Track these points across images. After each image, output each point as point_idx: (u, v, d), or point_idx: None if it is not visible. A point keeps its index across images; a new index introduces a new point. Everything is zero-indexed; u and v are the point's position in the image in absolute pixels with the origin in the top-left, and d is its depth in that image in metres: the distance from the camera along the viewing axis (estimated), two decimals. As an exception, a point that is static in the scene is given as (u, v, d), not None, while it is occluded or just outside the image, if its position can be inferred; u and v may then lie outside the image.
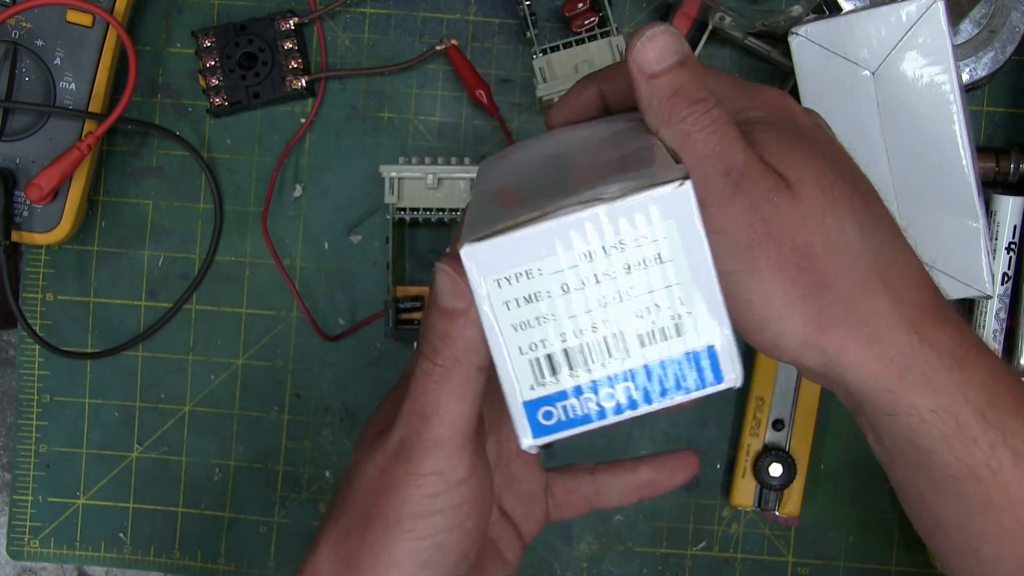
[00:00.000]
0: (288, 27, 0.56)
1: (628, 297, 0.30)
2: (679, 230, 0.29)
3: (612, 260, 0.30)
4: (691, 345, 0.30)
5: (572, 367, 0.30)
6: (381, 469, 0.36)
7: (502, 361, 0.31)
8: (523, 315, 0.30)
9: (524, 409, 0.31)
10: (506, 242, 0.30)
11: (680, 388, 0.30)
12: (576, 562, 0.58)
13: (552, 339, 0.30)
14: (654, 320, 0.30)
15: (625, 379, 0.30)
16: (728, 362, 0.30)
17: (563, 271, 0.30)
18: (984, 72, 0.54)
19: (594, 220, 0.29)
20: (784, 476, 0.55)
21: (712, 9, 0.54)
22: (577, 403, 0.31)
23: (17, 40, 0.52)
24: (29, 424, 0.58)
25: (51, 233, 0.53)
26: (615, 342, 0.30)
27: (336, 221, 0.57)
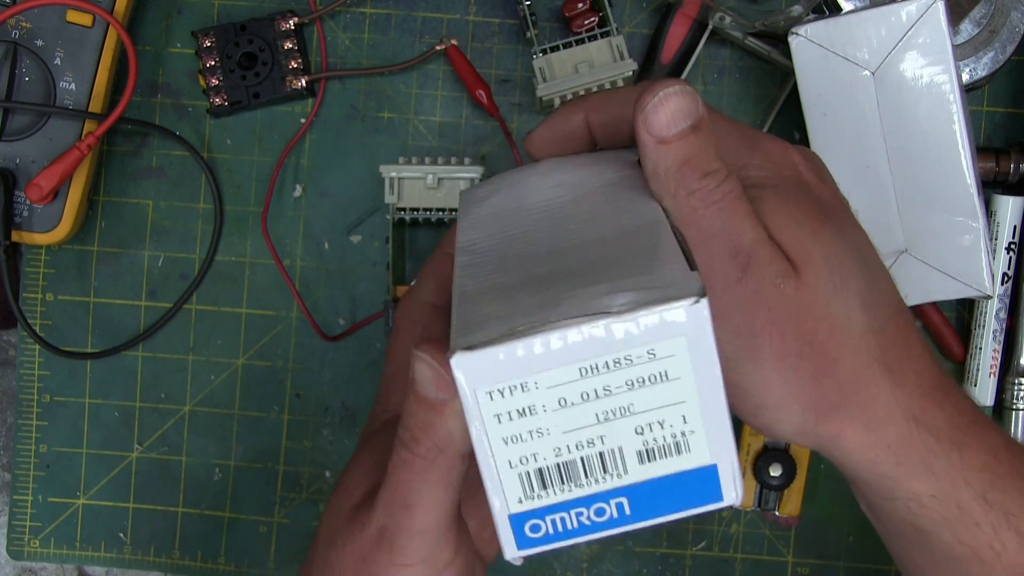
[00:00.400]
0: (288, 27, 0.56)
1: (630, 414, 0.28)
2: (689, 348, 0.28)
3: (615, 376, 0.28)
4: (692, 463, 0.29)
5: (564, 482, 0.29)
6: (361, 557, 0.34)
7: (490, 474, 0.29)
8: (515, 429, 0.28)
9: (510, 522, 0.29)
10: (500, 353, 0.27)
11: (676, 506, 0.29)
12: (576, 562, 0.58)
13: (545, 453, 0.28)
14: (655, 438, 0.28)
15: (620, 495, 0.29)
16: (729, 481, 0.29)
17: (562, 385, 0.28)
18: (984, 72, 0.54)
19: (598, 334, 0.27)
20: (784, 476, 0.55)
21: (712, 9, 0.54)
22: (567, 517, 0.29)
23: (17, 40, 0.52)
24: (29, 424, 0.58)
25: (51, 233, 0.53)
26: (612, 458, 0.29)
27: (336, 221, 0.57)
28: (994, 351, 0.55)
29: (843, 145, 0.51)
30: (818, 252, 0.32)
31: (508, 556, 0.30)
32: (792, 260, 0.32)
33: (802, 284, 0.31)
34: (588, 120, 0.36)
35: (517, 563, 0.30)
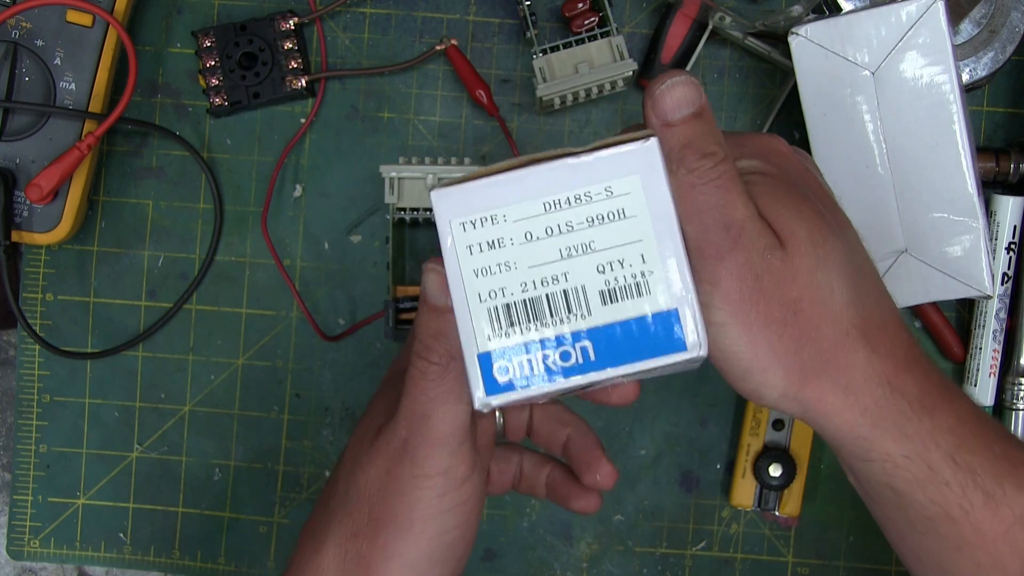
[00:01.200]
0: (288, 27, 0.56)
1: (591, 251, 0.30)
2: (644, 186, 0.30)
3: (576, 211, 0.30)
4: (653, 307, 0.30)
5: (531, 319, 0.30)
6: (386, 471, 0.36)
7: (461, 307, 0.30)
8: (485, 260, 0.30)
9: (479, 361, 0.30)
10: (474, 187, 0.30)
11: (640, 353, 0.30)
12: (576, 562, 0.58)
13: (513, 287, 0.30)
14: (616, 277, 0.30)
15: (584, 338, 0.30)
16: (691, 328, 0.30)
17: (527, 219, 0.30)
18: (984, 72, 0.54)
19: (560, 170, 0.30)
20: (784, 476, 0.55)
21: (712, 9, 0.54)
22: (534, 360, 0.30)
23: (17, 40, 0.52)
24: (29, 424, 0.58)
25: (51, 233, 0.53)
26: (576, 296, 0.30)
27: (336, 221, 0.57)
28: (994, 351, 0.55)
29: (843, 145, 0.51)
30: (803, 229, 0.34)
31: (477, 403, 0.30)
32: (779, 235, 0.34)
33: (788, 256, 0.34)
34: None
35: (485, 411, 0.31)
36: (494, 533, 0.58)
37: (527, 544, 0.58)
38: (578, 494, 0.44)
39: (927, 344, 0.57)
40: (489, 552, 0.58)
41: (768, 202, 0.34)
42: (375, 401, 0.40)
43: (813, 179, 0.37)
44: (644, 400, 0.57)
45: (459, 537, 0.37)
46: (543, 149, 0.57)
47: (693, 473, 0.58)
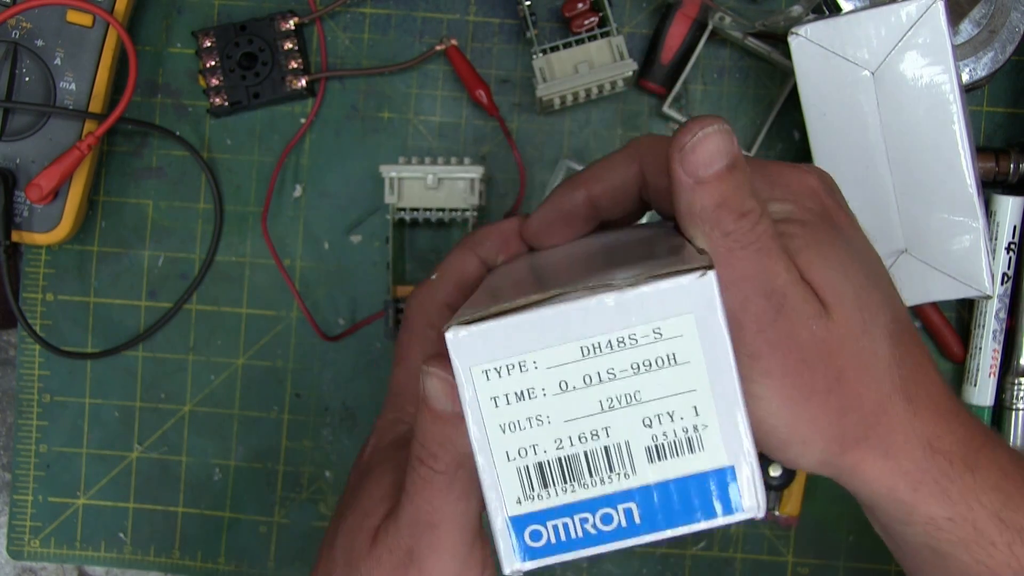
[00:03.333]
0: (288, 27, 0.56)
1: (636, 402, 0.26)
2: (699, 327, 0.26)
3: (619, 357, 0.26)
4: (707, 464, 0.26)
5: (567, 480, 0.27)
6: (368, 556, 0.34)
7: (487, 467, 0.27)
8: (513, 414, 0.27)
9: (510, 525, 0.27)
10: (498, 328, 0.26)
11: (690, 515, 0.27)
12: (576, 562, 0.58)
13: (546, 444, 0.26)
14: (665, 432, 0.26)
15: (628, 499, 0.27)
16: (748, 488, 0.26)
17: (562, 366, 0.26)
18: (984, 72, 0.54)
19: (601, 308, 0.26)
20: (784, 476, 0.55)
21: (712, 9, 0.54)
22: (571, 524, 0.27)
23: (17, 40, 0.52)
24: (29, 424, 0.58)
25: (51, 233, 0.53)
26: (619, 454, 0.27)
27: (336, 221, 0.57)
28: (994, 351, 0.55)
29: (843, 145, 0.51)
30: (848, 290, 0.32)
31: (506, 569, 0.27)
32: (823, 299, 0.32)
33: (833, 324, 0.32)
34: (590, 194, 0.35)
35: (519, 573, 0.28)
36: (494, 533, 0.58)
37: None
38: None
39: (928, 344, 0.57)
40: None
41: (810, 259, 0.32)
42: (369, 484, 0.37)
43: (846, 218, 0.35)
44: (644, 400, 0.57)
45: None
46: (543, 149, 0.57)
47: (693, 473, 0.58)
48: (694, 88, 0.57)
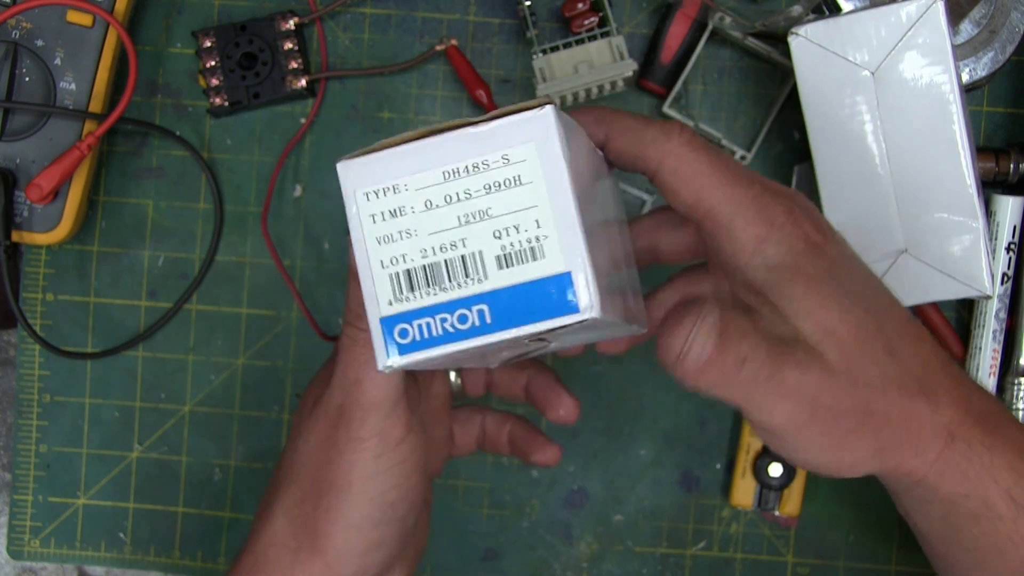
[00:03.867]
0: (288, 27, 0.56)
1: (488, 217, 0.31)
2: (539, 153, 0.30)
3: (474, 180, 0.31)
4: (547, 270, 0.30)
5: (430, 284, 0.31)
6: (325, 437, 0.38)
7: (365, 274, 0.32)
8: (387, 229, 0.31)
9: (381, 325, 0.31)
10: (378, 159, 0.32)
11: (535, 315, 0.30)
12: (576, 562, 0.58)
13: (413, 254, 0.31)
14: (512, 242, 0.31)
15: (480, 301, 0.31)
16: (584, 291, 0.30)
17: (427, 187, 0.31)
18: (984, 72, 0.54)
19: (460, 140, 0.31)
20: (784, 476, 0.55)
21: (712, 9, 0.54)
22: (433, 323, 0.31)
23: (17, 40, 0.52)
24: (29, 424, 0.58)
25: (51, 233, 0.53)
26: (473, 262, 0.31)
27: (336, 221, 0.57)
28: (994, 351, 0.55)
29: (843, 145, 0.51)
30: (848, 331, 0.35)
31: (379, 365, 0.31)
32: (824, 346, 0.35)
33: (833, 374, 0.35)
34: (607, 137, 0.38)
35: (387, 372, 0.32)
36: (494, 533, 0.58)
37: (527, 544, 0.58)
38: (538, 447, 0.46)
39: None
40: (489, 552, 0.58)
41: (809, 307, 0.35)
42: (317, 375, 0.41)
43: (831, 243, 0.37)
44: (644, 400, 0.57)
45: (399, 497, 0.38)
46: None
47: (693, 473, 0.58)
48: (694, 88, 0.57)
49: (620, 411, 0.57)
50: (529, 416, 0.50)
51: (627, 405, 0.57)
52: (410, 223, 0.31)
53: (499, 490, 0.58)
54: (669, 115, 0.56)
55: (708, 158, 0.35)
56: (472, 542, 0.58)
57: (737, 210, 0.35)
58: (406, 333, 0.31)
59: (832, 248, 0.37)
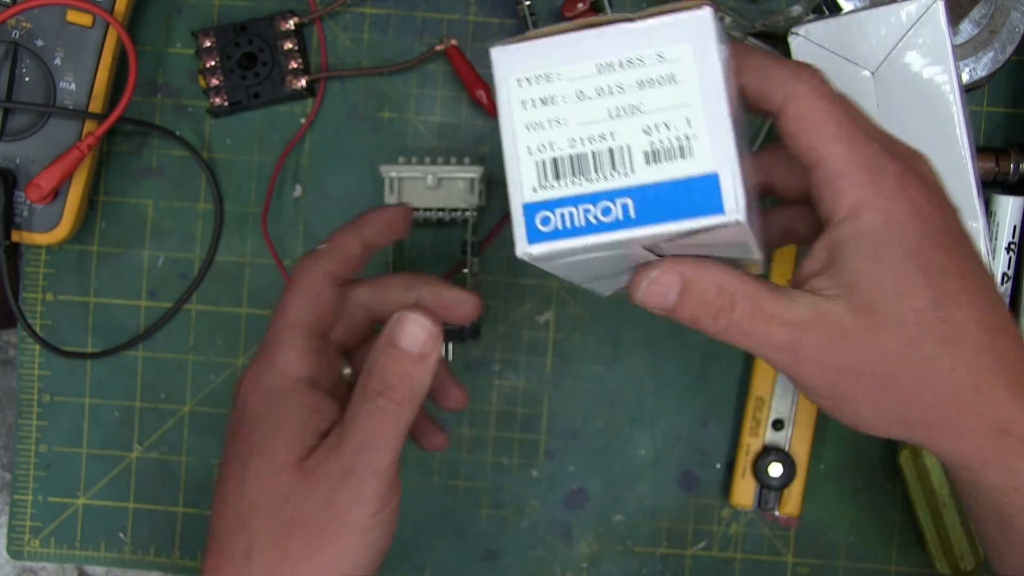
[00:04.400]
0: (288, 27, 0.56)
1: (638, 112, 0.31)
2: (694, 53, 0.30)
3: (627, 74, 0.31)
4: (694, 170, 0.30)
5: (576, 174, 0.31)
6: (327, 496, 0.38)
7: (512, 159, 0.32)
8: (537, 116, 0.31)
9: (523, 211, 0.31)
10: (533, 47, 0.32)
11: (679, 213, 0.30)
12: (576, 562, 0.58)
13: (561, 143, 0.31)
14: (661, 139, 0.30)
15: (625, 195, 0.31)
16: (731, 194, 0.30)
17: (580, 79, 0.31)
18: (984, 72, 0.54)
19: (616, 34, 0.31)
20: (784, 476, 0.55)
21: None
22: (575, 212, 0.31)
23: (17, 40, 0.52)
24: (29, 424, 0.58)
25: (51, 233, 0.53)
26: (621, 155, 0.31)
27: (336, 221, 0.57)
28: None
29: (843, 145, 0.50)
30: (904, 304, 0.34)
31: (519, 251, 0.32)
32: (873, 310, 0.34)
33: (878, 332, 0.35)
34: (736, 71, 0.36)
35: (527, 258, 0.32)
36: (494, 533, 0.58)
37: (527, 544, 0.58)
38: (427, 433, 0.50)
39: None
40: (489, 552, 0.58)
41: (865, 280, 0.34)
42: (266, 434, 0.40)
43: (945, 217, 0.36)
44: (644, 400, 0.57)
45: (386, 545, 0.40)
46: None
47: (693, 473, 0.58)
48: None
49: (620, 411, 0.57)
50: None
51: (627, 405, 0.57)
52: (560, 112, 0.31)
53: (499, 490, 0.58)
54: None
55: (831, 107, 0.34)
56: (472, 542, 0.58)
57: (847, 167, 0.34)
58: (548, 221, 0.31)
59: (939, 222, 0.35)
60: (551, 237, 0.31)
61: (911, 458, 0.55)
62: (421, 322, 0.38)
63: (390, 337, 0.39)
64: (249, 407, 0.41)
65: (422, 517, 0.58)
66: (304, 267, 0.43)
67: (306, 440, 0.39)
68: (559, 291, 0.57)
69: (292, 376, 0.41)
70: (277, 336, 0.42)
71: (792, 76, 0.34)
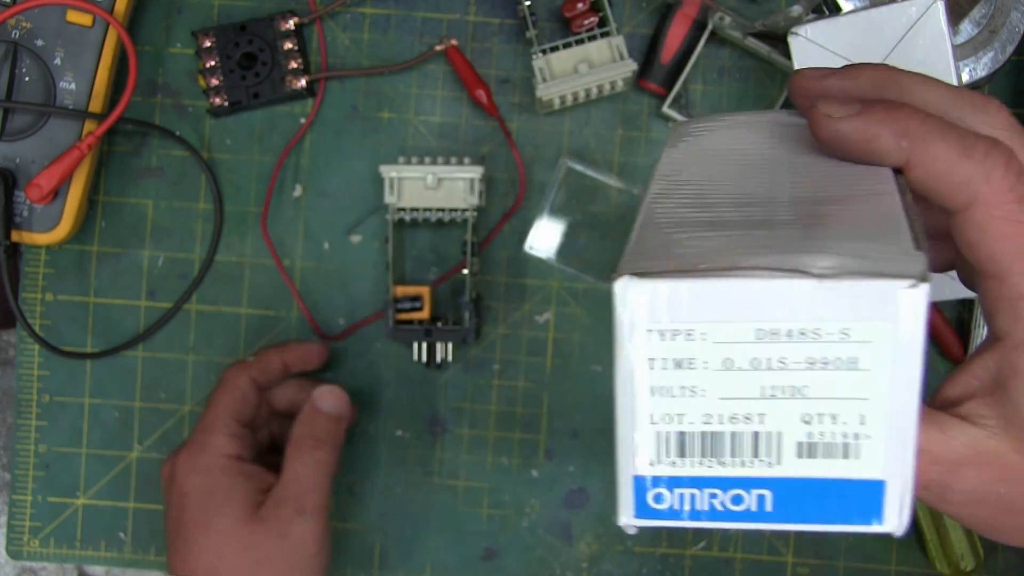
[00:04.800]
0: (288, 27, 0.56)
1: (801, 397, 0.24)
2: (893, 338, 0.24)
3: (796, 348, 0.24)
4: (858, 473, 0.25)
5: (706, 455, 0.25)
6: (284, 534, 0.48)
7: (625, 424, 0.26)
8: (667, 380, 0.25)
9: (633, 484, 0.26)
10: (671, 288, 0.24)
11: (826, 516, 0.25)
12: (576, 562, 0.58)
13: (693, 417, 0.25)
14: (823, 432, 0.25)
15: (764, 486, 0.25)
16: (896, 505, 0.25)
17: (732, 344, 0.24)
18: (984, 72, 0.54)
19: (790, 294, 0.24)
20: (784, 476, 0.55)
21: (712, 9, 0.54)
22: (698, 496, 0.26)
23: (17, 40, 0.52)
24: (28, 424, 0.58)
25: (51, 233, 0.53)
26: (767, 443, 0.25)
27: (336, 221, 0.57)
28: None
29: (843, 145, 0.50)
30: None
31: (622, 521, 0.26)
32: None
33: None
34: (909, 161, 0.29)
35: (630, 531, 0.27)
36: (494, 532, 0.58)
37: (527, 544, 0.58)
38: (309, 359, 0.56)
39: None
40: (489, 551, 0.58)
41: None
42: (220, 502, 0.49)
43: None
44: (644, 400, 0.57)
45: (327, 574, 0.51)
46: (543, 149, 0.57)
47: (693, 473, 0.58)
48: (694, 88, 0.57)
49: (620, 411, 0.57)
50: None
51: (627, 405, 0.57)
52: (698, 380, 0.25)
53: (499, 490, 0.58)
54: (669, 115, 0.56)
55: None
56: (472, 542, 0.58)
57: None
58: (661, 499, 0.26)
59: None
60: (663, 516, 0.26)
61: (911, 458, 0.55)
62: (336, 393, 0.52)
63: (313, 406, 0.51)
64: (191, 484, 0.49)
65: (422, 517, 0.58)
66: (235, 372, 0.52)
67: (255, 497, 0.49)
68: (559, 291, 0.57)
69: (224, 455, 0.50)
70: (209, 425, 0.51)
71: (982, 175, 0.28)
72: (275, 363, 0.54)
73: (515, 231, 0.57)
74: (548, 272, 0.57)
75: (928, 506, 0.31)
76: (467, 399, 0.58)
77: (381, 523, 0.58)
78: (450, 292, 0.57)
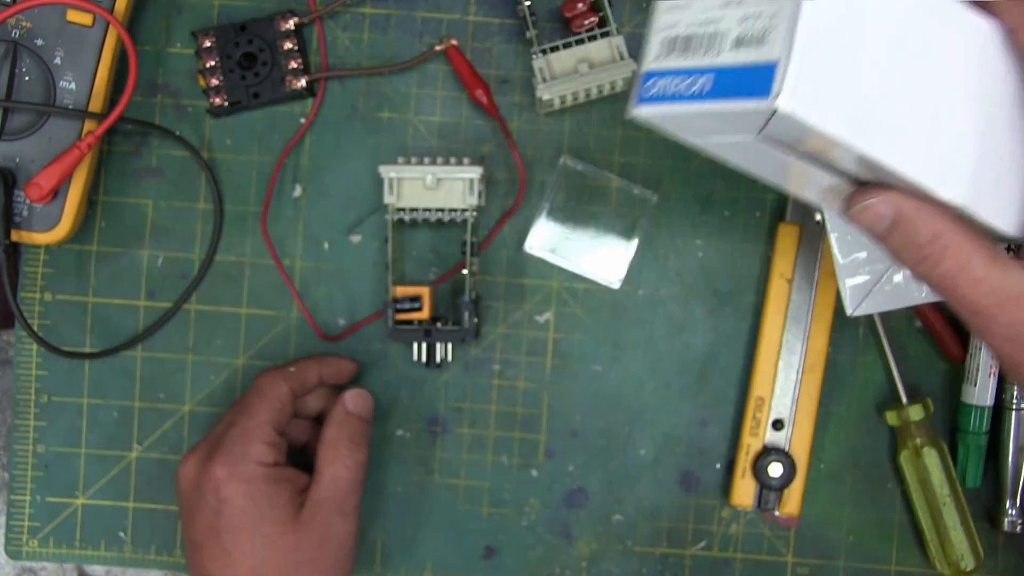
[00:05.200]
0: (288, 27, 0.56)
1: (743, 4, 0.34)
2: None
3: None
4: (763, 56, 0.33)
5: (682, 51, 0.36)
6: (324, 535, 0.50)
7: (653, 40, 0.37)
8: (674, 3, 0.37)
9: (643, 78, 0.37)
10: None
11: (735, 93, 0.33)
12: (575, 562, 0.58)
13: (682, 26, 0.36)
14: (752, 26, 0.34)
15: (709, 72, 0.34)
16: (783, 82, 0.32)
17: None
18: (983, 72, 0.54)
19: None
20: (784, 476, 0.55)
21: (712, 9, 0.54)
22: (669, 83, 0.36)
23: (17, 40, 0.52)
24: (27, 424, 0.58)
25: (51, 233, 0.53)
26: (716, 40, 0.35)
27: (336, 221, 0.57)
28: (993, 351, 0.55)
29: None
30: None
31: (631, 111, 0.37)
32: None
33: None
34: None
35: (636, 119, 0.37)
36: (494, 531, 0.58)
37: (527, 543, 0.58)
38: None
39: (927, 344, 0.57)
40: (489, 550, 0.58)
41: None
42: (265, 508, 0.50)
43: None
44: (644, 400, 0.57)
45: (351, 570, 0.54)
46: (543, 149, 0.57)
47: (693, 473, 0.58)
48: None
49: (620, 411, 0.57)
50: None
51: (627, 405, 0.57)
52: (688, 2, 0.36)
53: (499, 489, 0.58)
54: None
55: None
56: (472, 540, 0.58)
57: None
58: (651, 87, 0.36)
59: None
60: (651, 100, 0.36)
61: (911, 458, 0.56)
62: (364, 395, 0.54)
63: (345, 409, 0.53)
64: (231, 492, 0.49)
65: (423, 515, 0.58)
66: (275, 382, 0.53)
67: (295, 499, 0.50)
68: (559, 291, 0.57)
69: (264, 463, 0.50)
70: (249, 433, 0.51)
71: None
72: (313, 376, 0.54)
73: (515, 231, 0.57)
74: (548, 272, 0.57)
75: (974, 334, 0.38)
76: (467, 399, 0.58)
77: (382, 522, 0.58)
78: (450, 292, 0.57)
